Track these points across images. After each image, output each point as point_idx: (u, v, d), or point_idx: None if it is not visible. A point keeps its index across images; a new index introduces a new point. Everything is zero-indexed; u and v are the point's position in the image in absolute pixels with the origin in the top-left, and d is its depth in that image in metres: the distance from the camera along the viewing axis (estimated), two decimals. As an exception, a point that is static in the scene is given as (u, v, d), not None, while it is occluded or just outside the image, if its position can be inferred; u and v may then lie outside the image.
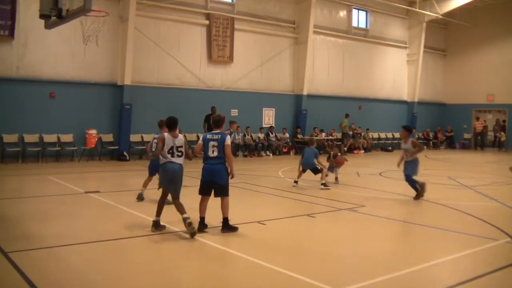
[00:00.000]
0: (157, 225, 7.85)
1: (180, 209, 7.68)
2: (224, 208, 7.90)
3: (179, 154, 7.82)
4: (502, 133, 30.15)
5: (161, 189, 8.05)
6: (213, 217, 8.16)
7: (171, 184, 7.83)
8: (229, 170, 7.90)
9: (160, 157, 7.86)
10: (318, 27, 25.78)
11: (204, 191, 7.96)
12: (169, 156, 7.76)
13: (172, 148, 7.77)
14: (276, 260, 6.51)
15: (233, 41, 22.82)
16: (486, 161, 22.80)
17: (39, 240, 7.23)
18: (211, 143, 7.84)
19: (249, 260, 6.50)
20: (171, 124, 7.97)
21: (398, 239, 8.00)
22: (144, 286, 5.59)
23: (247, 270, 6.26)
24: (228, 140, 7.89)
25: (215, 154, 7.81)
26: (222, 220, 7.90)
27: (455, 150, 30.58)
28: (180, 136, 7.93)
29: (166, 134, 7.88)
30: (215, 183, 7.84)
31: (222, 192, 7.87)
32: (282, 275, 5.92)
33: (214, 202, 8.01)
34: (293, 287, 5.65)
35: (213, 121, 8.24)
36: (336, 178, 13.64)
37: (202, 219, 7.98)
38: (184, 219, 7.49)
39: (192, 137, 21.58)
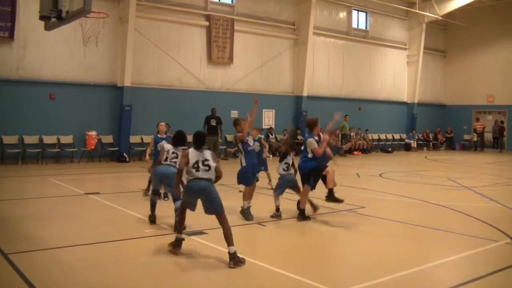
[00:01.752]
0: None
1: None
2: (329, 180, 8.99)
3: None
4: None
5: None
6: (212, 219, 8.14)
7: None
8: None
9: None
10: (318, 28, 25.79)
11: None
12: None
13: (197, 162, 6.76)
14: (276, 261, 6.51)
15: (233, 42, 22.83)
16: (486, 162, 22.80)
17: (39, 242, 7.23)
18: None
19: (249, 261, 6.48)
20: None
21: (398, 240, 7.99)
22: (144, 287, 5.59)
23: (247, 271, 6.25)
24: (309, 142, 9.17)
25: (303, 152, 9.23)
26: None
27: (455, 151, 30.59)
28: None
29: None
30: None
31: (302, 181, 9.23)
32: (282, 276, 5.92)
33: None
34: (293, 289, 5.65)
35: (307, 125, 9.66)
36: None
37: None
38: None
39: (192, 138, 21.52)
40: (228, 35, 22.65)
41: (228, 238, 6.45)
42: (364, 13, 28.75)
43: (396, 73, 30.64)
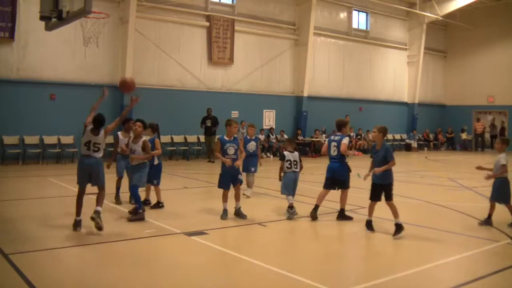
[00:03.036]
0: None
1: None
2: (342, 200, 9.19)
3: (95, 149, 8.14)
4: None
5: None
6: (212, 219, 8.15)
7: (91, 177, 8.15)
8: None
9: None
10: (319, 28, 25.79)
11: (327, 186, 9.17)
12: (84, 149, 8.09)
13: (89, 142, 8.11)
14: (277, 261, 6.51)
15: (234, 43, 22.83)
16: (486, 162, 22.73)
17: (39, 242, 7.23)
18: (333, 143, 9.08)
19: (250, 261, 6.49)
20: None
21: (398, 240, 7.98)
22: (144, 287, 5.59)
23: (247, 271, 6.25)
24: (345, 140, 9.00)
25: (335, 153, 9.01)
26: (339, 210, 9.20)
27: (456, 152, 30.58)
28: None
29: None
30: (336, 179, 9.05)
31: (342, 185, 9.15)
32: (283, 277, 5.92)
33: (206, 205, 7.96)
34: (293, 289, 5.65)
35: (336, 125, 9.38)
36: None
37: (316, 207, 9.13)
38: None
39: (192, 139, 21.55)
40: (229, 36, 22.66)
41: (99, 201, 7.91)
42: (365, 14, 28.75)
43: (397, 74, 30.64)
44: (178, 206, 10.36)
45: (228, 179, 9.00)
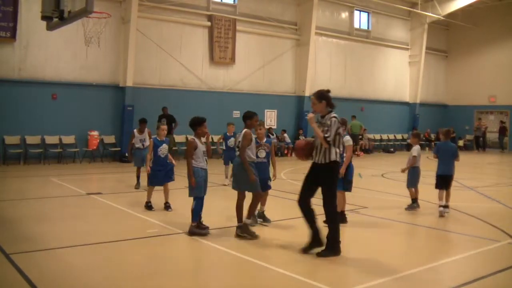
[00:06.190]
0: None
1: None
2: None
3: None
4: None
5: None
6: (215, 218, 8.13)
7: None
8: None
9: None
10: (320, 28, 25.79)
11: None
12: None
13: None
14: (279, 261, 6.50)
15: (235, 43, 22.83)
16: (488, 162, 22.74)
17: (40, 242, 7.23)
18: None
19: (252, 261, 6.48)
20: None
21: (400, 240, 7.99)
22: (145, 288, 5.59)
23: (249, 272, 6.25)
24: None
25: None
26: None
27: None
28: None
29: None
30: None
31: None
32: (285, 277, 5.91)
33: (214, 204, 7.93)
34: (295, 289, 5.64)
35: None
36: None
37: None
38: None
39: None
40: (230, 35, 22.65)
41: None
42: (366, 13, 28.74)
43: (398, 73, 30.62)
44: (180, 206, 10.36)
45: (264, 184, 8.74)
